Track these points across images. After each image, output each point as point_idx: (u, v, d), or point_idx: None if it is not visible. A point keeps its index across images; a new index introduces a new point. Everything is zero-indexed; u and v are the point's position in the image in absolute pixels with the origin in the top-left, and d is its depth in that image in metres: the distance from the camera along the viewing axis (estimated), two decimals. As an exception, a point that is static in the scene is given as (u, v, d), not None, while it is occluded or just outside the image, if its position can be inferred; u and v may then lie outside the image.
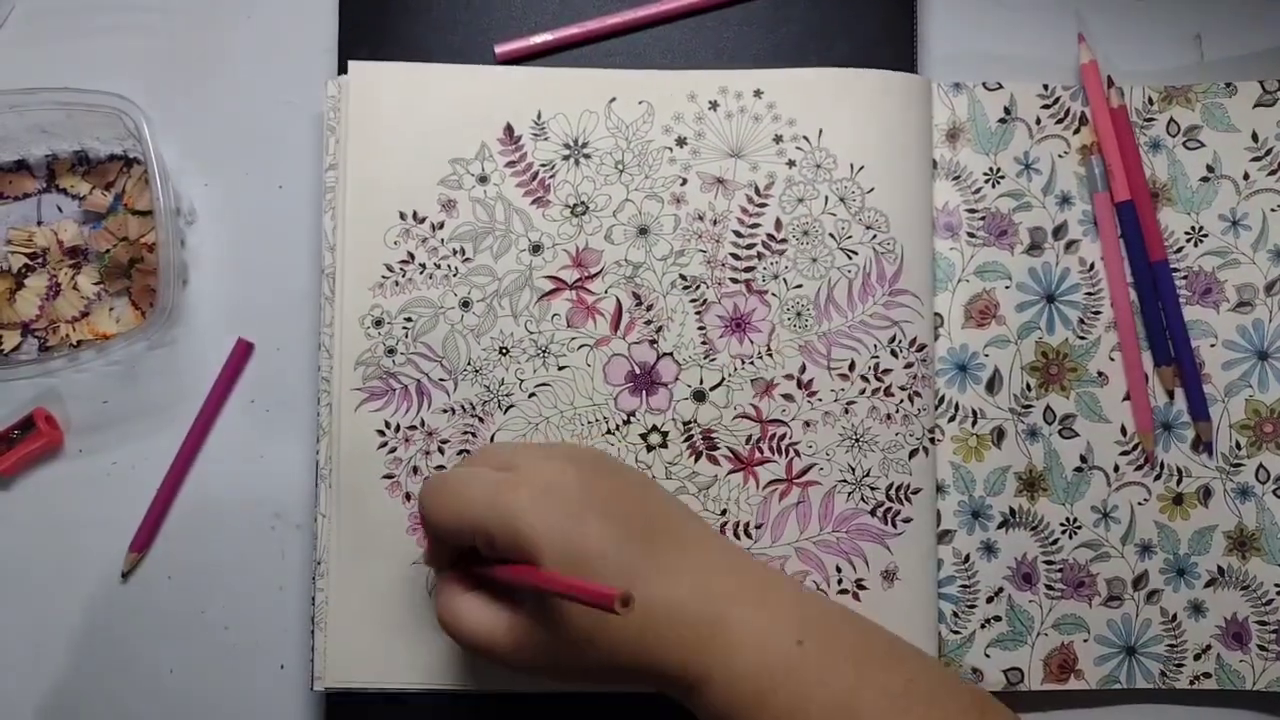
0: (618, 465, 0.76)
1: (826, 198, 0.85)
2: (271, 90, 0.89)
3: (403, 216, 0.83)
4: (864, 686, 0.69)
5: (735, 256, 0.84)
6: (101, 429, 0.86)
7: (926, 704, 0.70)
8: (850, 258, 0.84)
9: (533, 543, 0.67)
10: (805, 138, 0.85)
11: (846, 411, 0.84)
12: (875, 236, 0.84)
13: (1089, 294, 0.86)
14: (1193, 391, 0.86)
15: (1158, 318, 0.86)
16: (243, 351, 0.87)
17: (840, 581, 0.83)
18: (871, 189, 0.85)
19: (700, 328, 0.84)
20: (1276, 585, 0.85)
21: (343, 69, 0.85)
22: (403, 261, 0.83)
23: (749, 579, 0.72)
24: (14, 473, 0.85)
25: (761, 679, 0.68)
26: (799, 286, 0.84)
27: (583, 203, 0.84)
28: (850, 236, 0.84)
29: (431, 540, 0.74)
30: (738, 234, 0.84)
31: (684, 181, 0.84)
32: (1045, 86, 0.88)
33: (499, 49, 0.86)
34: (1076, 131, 0.87)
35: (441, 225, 0.83)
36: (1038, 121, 0.87)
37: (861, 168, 0.85)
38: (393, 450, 0.82)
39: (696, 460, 0.83)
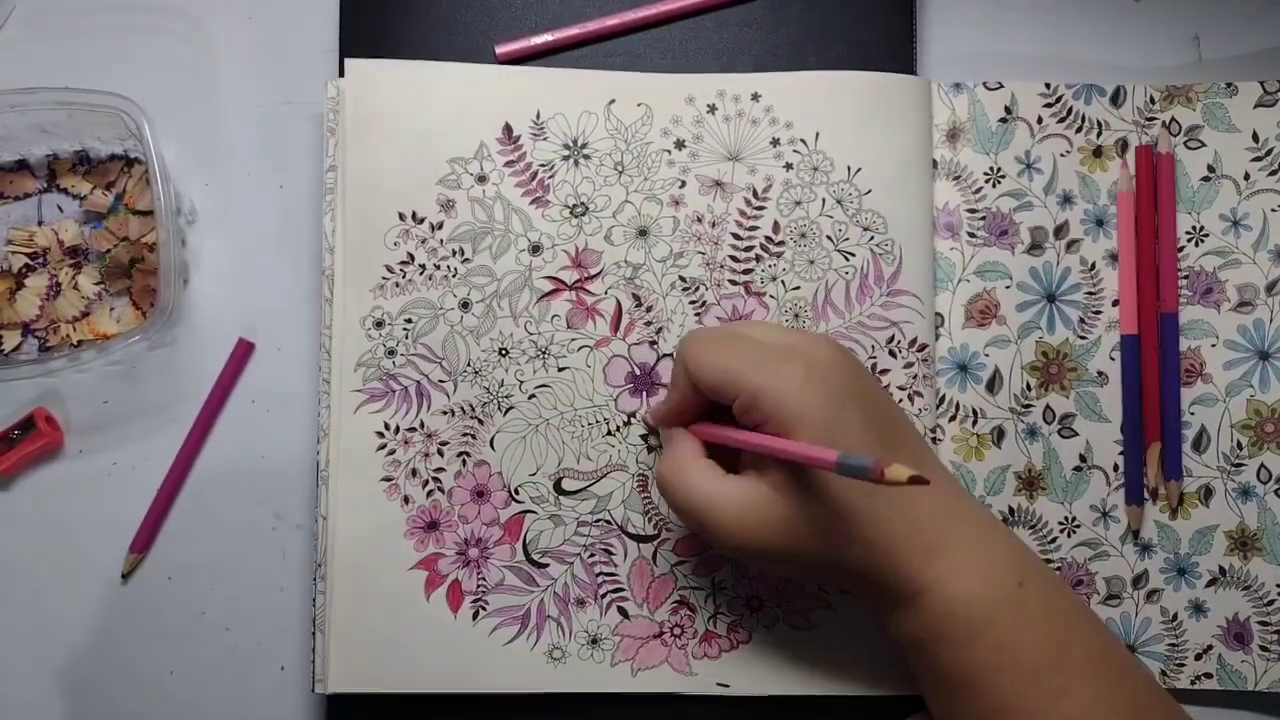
0: (870, 373, 0.78)
1: (824, 200, 0.85)
2: (272, 90, 0.89)
3: (402, 217, 0.83)
4: (1072, 639, 0.72)
5: (734, 258, 0.84)
6: (102, 429, 0.86)
7: (1120, 672, 0.72)
8: (848, 259, 0.84)
9: (797, 415, 0.69)
10: (802, 140, 0.85)
11: (846, 411, 0.84)
12: (873, 238, 0.84)
13: (1089, 294, 0.86)
14: (1170, 454, 0.86)
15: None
16: (243, 352, 0.87)
17: (840, 581, 0.83)
18: (869, 191, 0.85)
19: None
20: (1278, 585, 0.85)
21: (343, 70, 0.85)
22: (402, 262, 0.83)
23: (979, 514, 0.74)
24: (14, 473, 0.85)
25: (984, 606, 0.70)
26: (797, 288, 0.84)
27: (582, 203, 0.84)
28: (847, 238, 0.84)
29: (682, 393, 0.76)
30: (736, 236, 0.84)
31: (682, 184, 0.84)
32: (1047, 85, 0.87)
33: (499, 49, 0.86)
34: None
35: (440, 225, 0.83)
36: (1039, 121, 0.87)
37: (858, 170, 0.85)
38: (391, 452, 0.83)
39: (697, 460, 0.83)
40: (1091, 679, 0.70)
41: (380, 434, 0.83)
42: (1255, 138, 0.87)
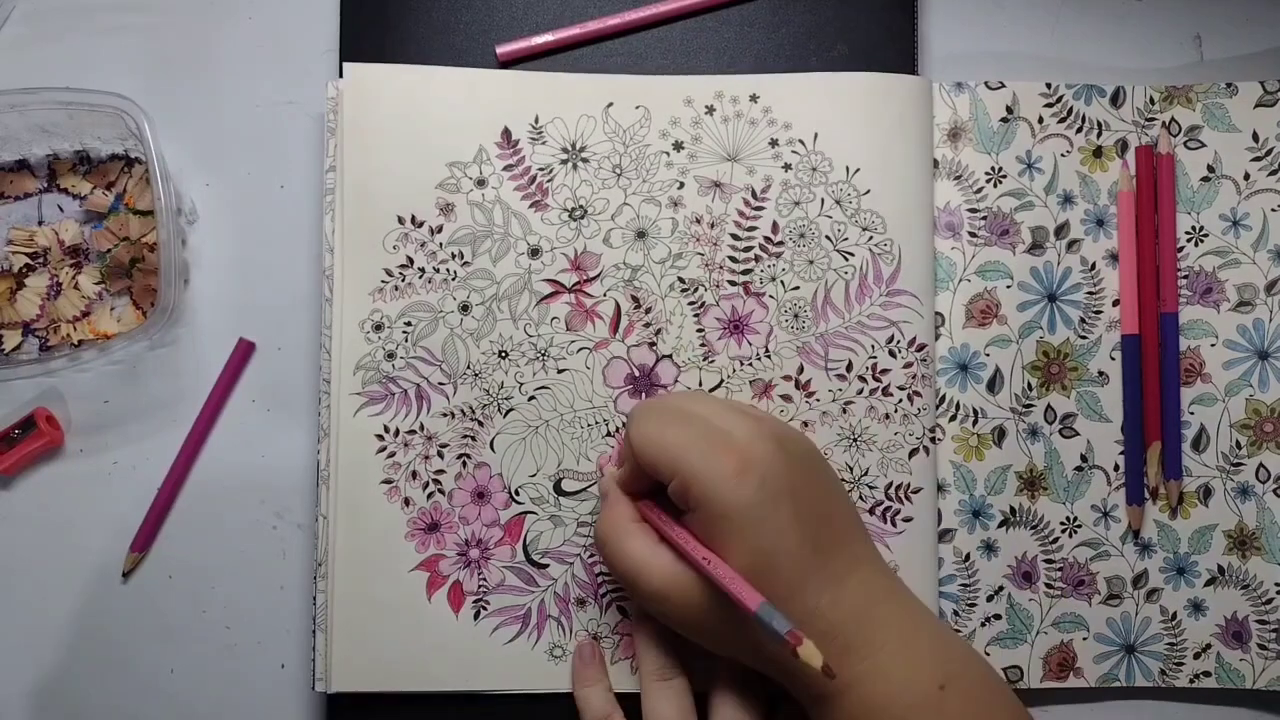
0: (819, 462, 0.76)
1: (822, 200, 0.85)
2: (273, 90, 0.89)
3: (401, 221, 0.83)
4: None
5: (733, 259, 0.84)
6: (102, 429, 0.86)
7: None
8: (847, 259, 0.84)
9: (723, 511, 0.69)
10: (801, 141, 0.85)
11: (844, 411, 0.84)
12: (871, 238, 0.84)
13: (1090, 293, 0.86)
14: (1170, 454, 0.86)
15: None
16: (244, 351, 0.87)
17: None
18: (868, 191, 0.85)
19: (699, 330, 0.84)
20: (1277, 584, 0.85)
21: (344, 70, 0.85)
22: (402, 266, 0.83)
23: (903, 609, 0.74)
24: (15, 472, 0.85)
25: (901, 706, 0.70)
26: (796, 288, 0.84)
27: (581, 206, 0.84)
28: (846, 238, 0.84)
29: (630, 464, 0.76)
30: (735, 237, 0.84)
31: (681, 185, 0.85)
32: (1048, 85, 0.87)
33: (500, 49, 0.86)
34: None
35: (440, 229, 0.83)
36: (1040, 121, 0.87)
37: (857, 170, 0.85)
38: (391, 455, 0.83)
39: (697, 461, 0.83)
40: None
41: (380, 436, 0.83)
42: (1255, 138, 0.87)
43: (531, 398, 0.83)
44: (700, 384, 0.84)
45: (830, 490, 0.75)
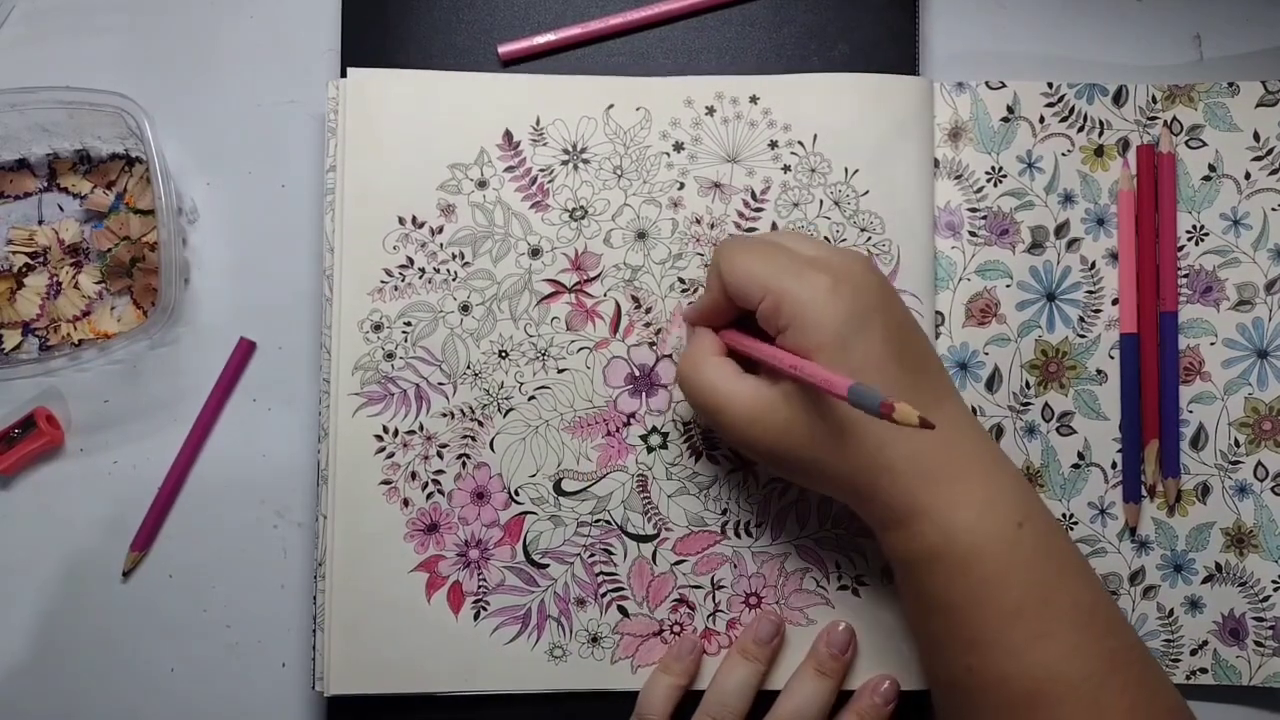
0: (896, 293, 0.76)
1: (821, 201, 0.85)
2: (274, 89, 0.89)
3: (401, 221, 0.83)
4: (1062, 587, 0.72)
5: (732, 260, 0.84)
6: (103, 428, 0.87)
7: (1106, 627, 0.73)
8: (846, 259, 0.84)
9: (816, 324, 0.70)
10: (800, 143, 0.85)
11: (845, 410, 0.84)
12: (870, 239, 0.85)
13: (1089, 292, 0.86)
14: (1168, 452, 0.86)
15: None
16: (245, 350, 0.87)
17: (840, 577, 0.84)
18: (866, 192, 0.85)
19: (699, 330, 0.84)
20: (1273, 581, 0.86)
21: (345, 70, 0.85)
22: (401, 266, 0.83)
23: (986, 446, 0.75)
24: (15, 471, 0.85)
25: (977, 539, 0.71)
26: (796, 289, 0.84)
27: (581, 207, 0.84)
28: (845, 239, 0.85)
29: (714, 296, 0.76)
30: (735, 238, 0.84)
31: (681, 186, 0.85)
32: (1049, 85, 0.87)
33: (502, 49, 0.86)
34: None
35: (440, 230, 0.84)
36: (1041, 120, 0.87)
37: (856, 171, 0.85)
38: (390, 455, 0.83)
39: (697, 460, 0.84)
40: (1074, 629, 0.71)
41: (379, 437, 0.83)
42: (1256, 137, 0.87)
43: (531, 398, 0.83)
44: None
45: (913, 321, 0.76)
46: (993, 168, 0.86)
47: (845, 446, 0.71)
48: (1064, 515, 0.86)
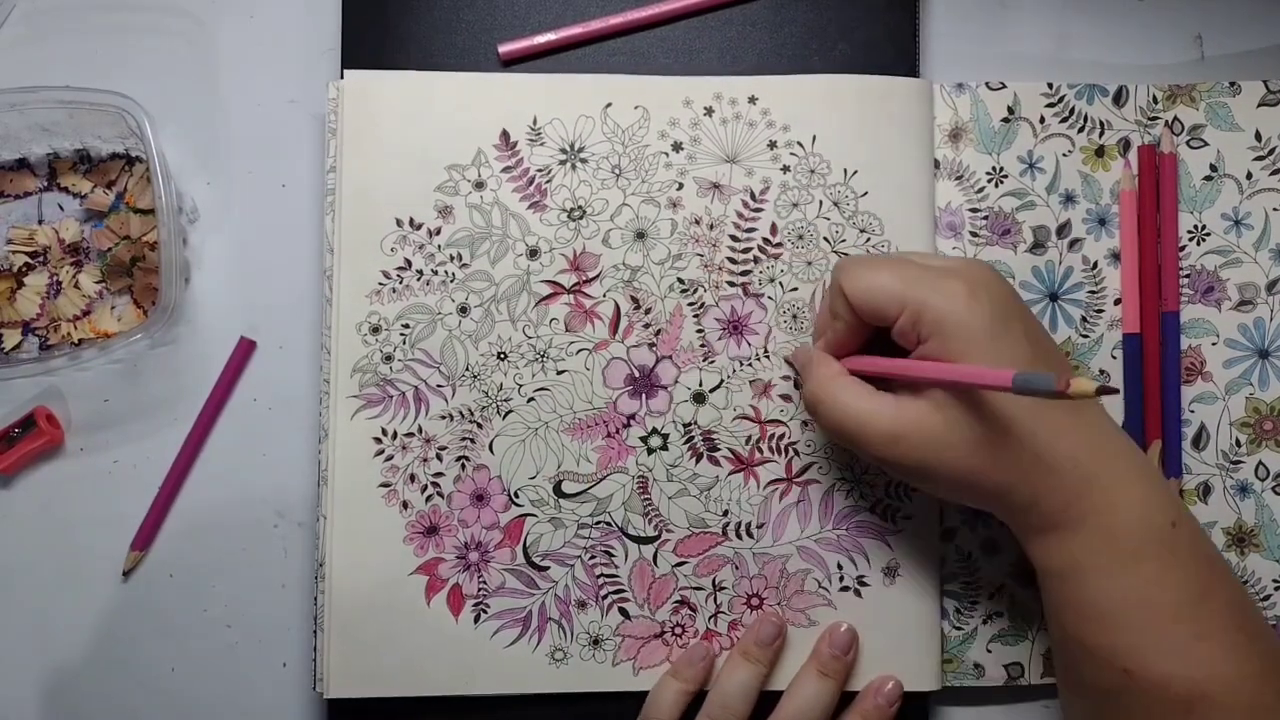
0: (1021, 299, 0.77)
1: (821, 202, 0.85)
2: (274, 89, 0.89)
3: (399, 223, 0.83)
4: (1216, 587, 0.72)
5: (732, 260, 0.84)
6: (103, 427, 0.86)
7: (1257, 627, 0.72)
8: (844, 260, 0.84)
9: (963, 330, 0.70)
10: (799, 143, 0.85)
11: (845, 410, 0.84)
12: (869, 239, 0.84)
13: (1092, 292, 0.86)
14: (1170, 452, 0.86)
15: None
16: (245, 350, 0.87)
17: (842, 578, 0.84)
18: (865, 193, 0.85)
19: (699, 330, 0.84)
20: (1275, 581, 0.86)
21: (345, 68, 0.85)
22: (399, 268, 0.83)
23: (1131, 447, 0.74)
24: (15, 471, 0.85)
25: (1138, 541, 0.71)
26: (795, 289, 0.84)
27: (580, 207, 0.84)
28: (844, 240, 0.85)
29: (845, 321, 0.76)
30: (734, 238, 0.84)
31: (680, 186, 0.85)
32: (1049, 85, 0.87)
33: (502, 49, 0.86)
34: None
35: (438, 231, 0.83)
36: (1041, 120, 0.87)
37: (855, 172, 0.85)
38: (389, 458, 0.83)
39: (697, 462, 0.84)
40: (1230, 629, 0.71)
41: (378, 440, 0.83)
42: (1258, 137, 0.87)
43: (531, 399, 0.83)
44: (700, 384, 0.84)
45: (1041, 325, 0.76)
46: (993, 168, 0.86)
47: (1003, 453, 0.70)
48: (1065, 515, 0.85)
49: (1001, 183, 0.86)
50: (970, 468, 0.71)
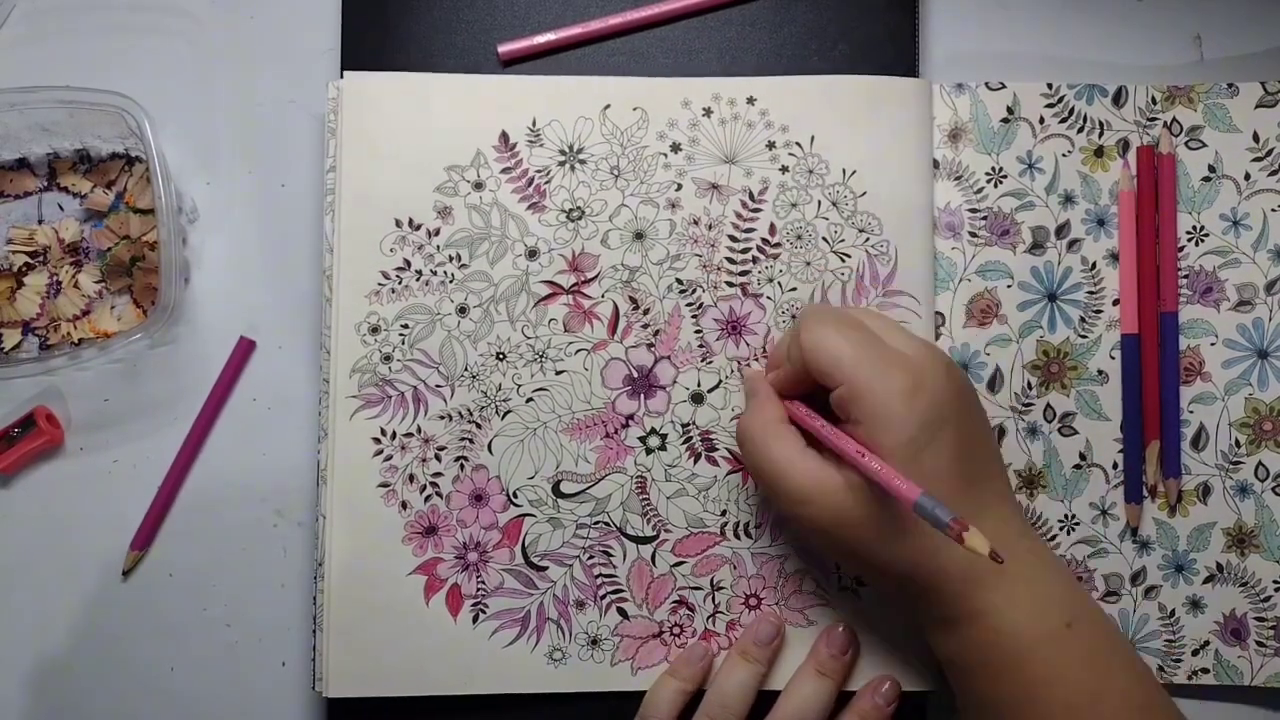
0: (975, 396, 0.77)
1: (819, 202, 0.85)
2: (274, 89, 0.89)
3: (398, 224, 0.83)
4: (1113, 686, 0.72)
5: (730, 260, 0.84)
6: (103, 427, 0.87)
7: None
8: (843, 260, 0.84)
9: (889, 427, 0.70)
10: (798, 144, 0.85)
11: (844, 411, 0.84)
12: (868, 239, 0.84)
13: (1090, 293, 0.86)
14: (1169, 452, 0.86)
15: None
16: (244, 349, 0.87)
17: (840, 578, 0.84)
18: (864, 193, 0.85)
19: (697, 331, 0.84)
20: (1275, 582, 0.85)
21: (345, 69, 0.85)
22: (399, 269, 0.83)
23: (1035, 547, 0.76)
24: (14, 470, 0.85)
25: (1029, 638, 0.71)
26: (793, 290, 0.84)
27: (578, 208, 0.84)
28: (843, 240, 0.85)
29: (795, 365, 0.76)
30: (733, 239, 0.84)
31: (679, 187, 0.85)
32: (1049, 85, 0.87)
33: (502, 49, 0.86)
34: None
35: (437, 232, 0.84)
36: (1041, 121, 0.87)
37: (853, 172, 0.85)
38: (388, 458, 0.83)
39: (696, 462, 0.84)
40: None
41: (377, 440, 0.83)
42: (1256, 138, 0.87)
43: (530, 399, 0.83)
44: (699, 384, 0.84)
45: (983, 425, 0.77)
46: (993, 168, 0.86)
47: (902, 543, 0.71)
48: (1066, 516, 0.86)
49: (1001, 183, 0.86)
50: (868, 550, 0.72)
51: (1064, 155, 0.87)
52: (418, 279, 0.83)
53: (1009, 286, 0.86)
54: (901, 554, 0.71)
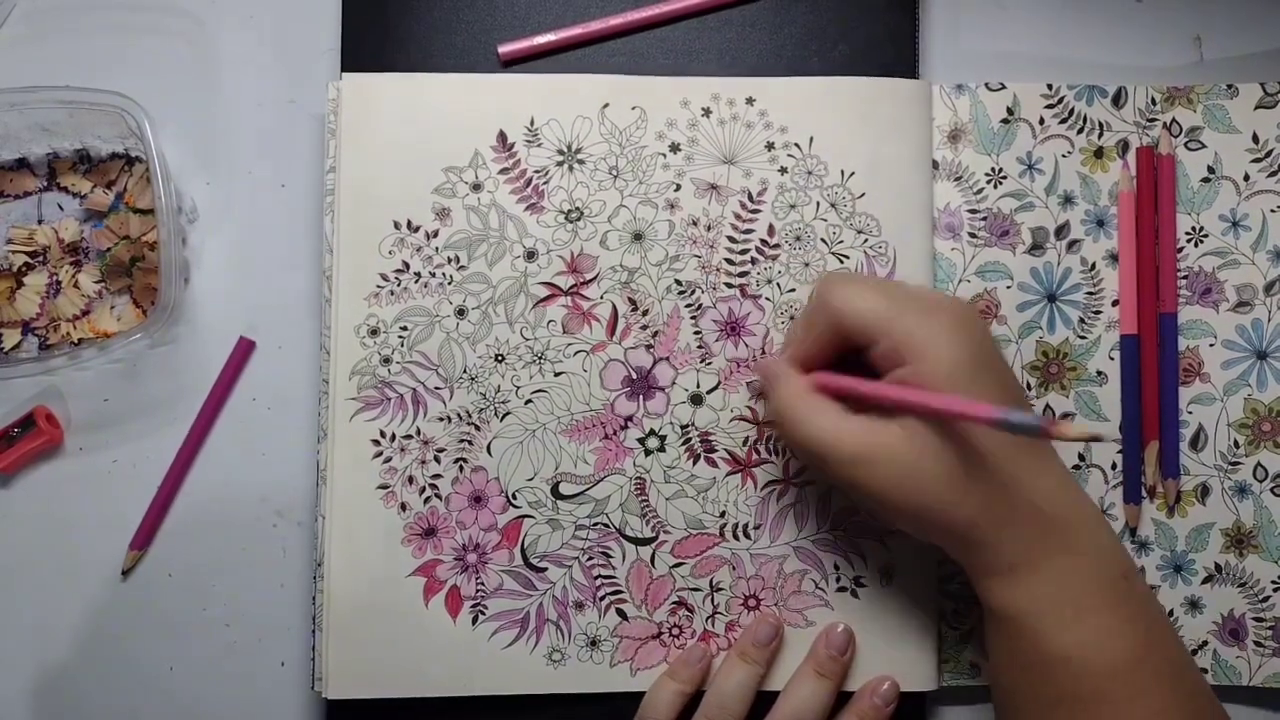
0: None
1: (818, 203, 0.85)
2: (274, 89, 0.89)
3: (397, 226, 0.83)
4: (1156, 645, 0.73)
5: (729, 262, 0.84)
6: (102, 427, 0.87)
7: (1193, 687, 0.74)
8: (842, 262, 0.84)
9: (945, 363, 0.70)
10: (797, 145, 0.85)
11: (843, 412, 0.84)
12: (866, 241, 0.85)
13: (1090, 294, 0.86)
14: (1168, 453, 0.86)
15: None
16: (244, 350, 0.87)
17: (839, 579, 0.84)
18: (863, 194, 0.85)
19: (696, 332, 0.84)
20: (1273, 582, 0.86)
21: (346, 69, 0.85)
22: (397, 271, 0.83)
23: (1090, 500, 0.74)
24: (14, 470, 0.85)
25: (1091, 590, 0.71)
26: (792, 290, 0.84)
27: (577, 209, 0.84)
28: (841, 241, 0.85)
29: (820, 334, 0.75)
30: (731, 239, 0.84)
31: (678, 187, 0.85)
32: (1049, 86, 0.87)
33: (502, 49, 0.86)
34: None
35: (436, 234, 0.84)
36: (1041, 122, 0.87)
37: (852, 174, 0.85)
38: (388, 460, 0.83)
39: (695, 463, 0.84)
40: (1168, 689, 0.71)
41: (376, 441, 0.83)
42: (1255, 139, 0.87)
43: (528, 401, 0.83)
44: (698, 385, 0.84)
45: (1013, 372, 0.77)
46: (993, 169, 0.86)
47: (971, 489, 0.70)
48: (1064, 516, 0.85)
49: (1000, 184, 0.86)
50: (935, 500, 0.71)
51: (1064, 156, 0.87)
52: (416, 281, 0.83)
53: (1008, 287, 0.86)
54: (969, 503, 0.70)
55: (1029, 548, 0.71)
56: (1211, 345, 0.86)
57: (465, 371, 0.83)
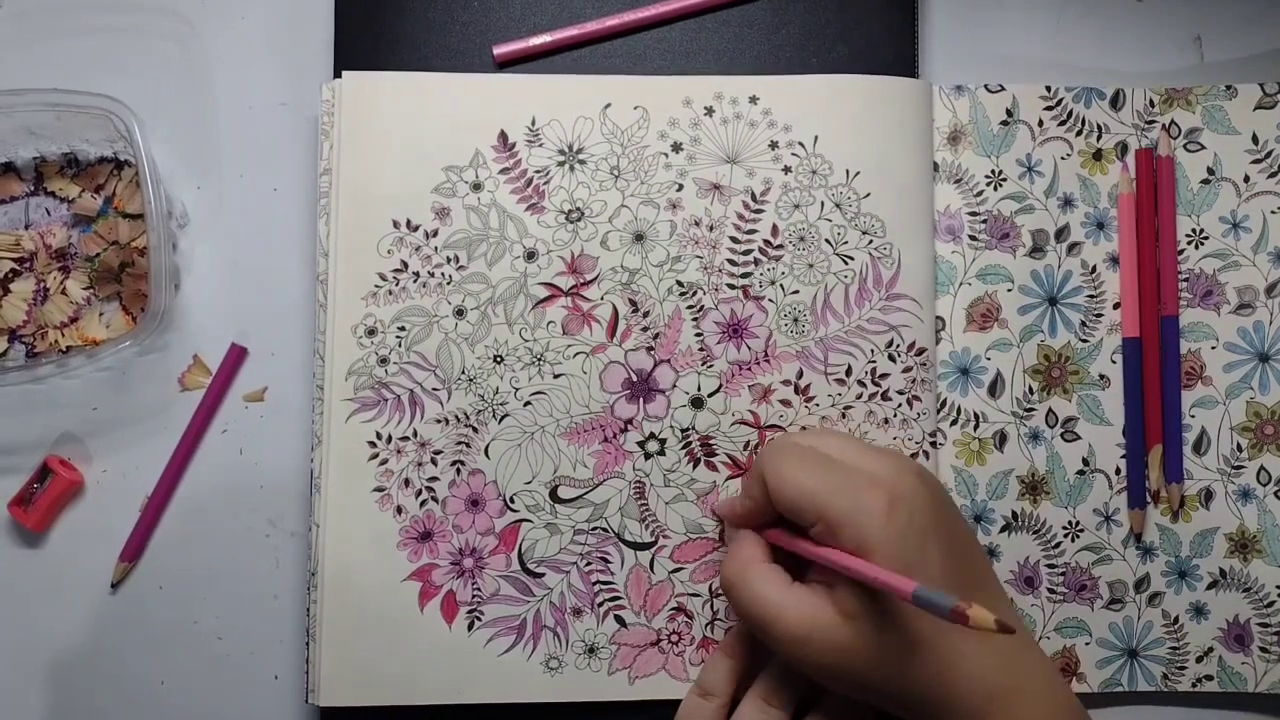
0: (951, 500, 0.76)
1: (822, 204, 0.84)
2: (266, 92, 0.88)
3: (396, 225, 0.83)
4: None
5: (732, 262, 0.84)
6: (91, 436, 0.86)
7: None
8: (846, 263, 0.84)
9: (876, 548, 0.68)
10: (800, 144, 0.84)
11: (844, 416, 0.84)
12: (871, 241, 0.84)
13: (1091, 296, 0.86)
14: (1172, 457, 0.86)
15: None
16: (236, 356, 0.86)
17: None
18: (867, 194, 0.84)
19: (698, 334, 0.83)
20: (1278, 587, 0.85)
21: (339, 71, 0.84)
22: (396, 270, 0.83)
23: (1039, 658, 0.74)
24: (46, 526, 0.85)
25: None
26: (795, 292, 0.84)
27: (578, 209, 0.84)
28: (846, 242, 0.84)
29: (758, 503, 0.75)
30: (734, 240, 0.84)
31: (680, 187, 0.84)
32: (1048, 88, 0.87)
33: (497, 50, 0.85)
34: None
35: (435, 233, 0.83)
36: (1040, 124, 0.87)
37: (857, 174, 0.84)
38: (384, 462, 0.82)
39: (695, 467, 0.83)
40: None
41: (372, 443, 0.82)
42: (1255, 140, 0.87)
43: (527, 403, 0.83)
44: (699, 388, 0.83)
45: (964, 527, 0.75)
46: (992, 171, 0.86)
47: (907, 667, 0.69)
48: (1070, 523, 0.85)
49: (1000, 185, 0.86)
50: (874, 678, 0.70)
51: (1063, 158, 0.87)
52: (415, 280, 0.83)
53: (1009, 290, 0.86)
54: (913, 678, 0.70)
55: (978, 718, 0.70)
56: (1213, 348, 0.86)
57: (463, 373, 0.83)
